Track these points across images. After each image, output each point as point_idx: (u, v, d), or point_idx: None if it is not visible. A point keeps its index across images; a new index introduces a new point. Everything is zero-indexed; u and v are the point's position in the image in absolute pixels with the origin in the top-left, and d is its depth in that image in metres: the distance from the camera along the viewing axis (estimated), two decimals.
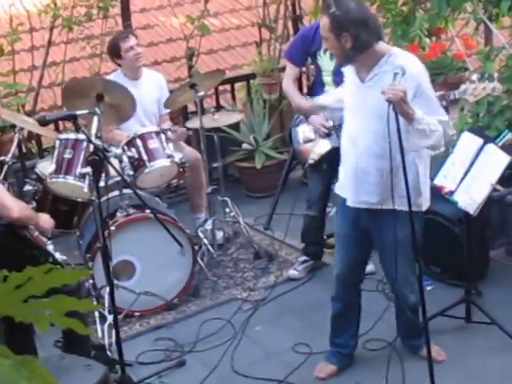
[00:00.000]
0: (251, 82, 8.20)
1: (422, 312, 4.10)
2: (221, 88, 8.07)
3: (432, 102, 4.20)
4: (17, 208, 4.31)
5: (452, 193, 4.66)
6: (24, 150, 7.20)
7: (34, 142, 7.49)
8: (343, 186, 4.52)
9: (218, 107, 7.90)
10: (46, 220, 4.69)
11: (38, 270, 1.60)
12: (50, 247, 4.62)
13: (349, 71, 4.34)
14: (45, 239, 4.62)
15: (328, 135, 5.59)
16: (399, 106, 3.87)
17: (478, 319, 5.06)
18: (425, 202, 4.42)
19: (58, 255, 4.63)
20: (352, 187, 4.41)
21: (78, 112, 4.76)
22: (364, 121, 4.24)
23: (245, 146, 7.78)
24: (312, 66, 6.82)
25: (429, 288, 5.51)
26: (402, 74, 3.92)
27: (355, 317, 4.82)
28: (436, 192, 4.77)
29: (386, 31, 7.14)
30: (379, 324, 5.07)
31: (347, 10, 4.01)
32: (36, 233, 4.53)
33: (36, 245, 4.47)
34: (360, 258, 4.70)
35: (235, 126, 7.59)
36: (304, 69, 7.30)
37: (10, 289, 1.61)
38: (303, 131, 5.74)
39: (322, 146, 5.62)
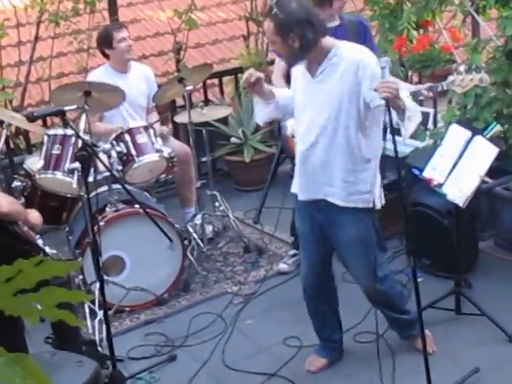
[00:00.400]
0: (239, 75, 8.19)
1: (416, 303, 4.09)
2: (209, 82, 8.07)
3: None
4: (6, 203, 4.28)
5: (441, 185, 4.66)
6: (12, 145, 7.16)
7: (21, 137, 7.46)
8: (296, 183, 4.54)
9: (206, 101, 7.89)
10: (35, 216, 4.67)
11: (28, 263, 1.59)
12: (40, 242, 4.61)
13: (297, 69, 4.33)
14: (33, 234, 4.60)
15: None
16: (394, 102, 3.88)
17: (467, 311, 5.07)
18: (378, 200, 4.41)
19: (47, 249, 4.62)
20: (302, 182, 4.44)
21: (67, 108, 4.73)
22: (314, 115, 4.24)
23: (233, 139, 7.78)
24: None
25: (419, 280, 5.50)
26: (388, 67, 3.94)
27: (330, 308, 4.80)
28: (425, 184, 4.78)
29: (374, 24, 7.15)
30: (369, 317, 5.05)
31: (290, 11, 3.99)
32: (25, 228, 4.51)
33: (26, 239, 4.45)
34: (321, 255, 4.66)
35: (223, 120, 7.58)
36: None
37: (0, 282, 1.60)
38: (292, 125, 5.73)
39: None
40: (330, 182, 4.28)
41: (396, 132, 3.89)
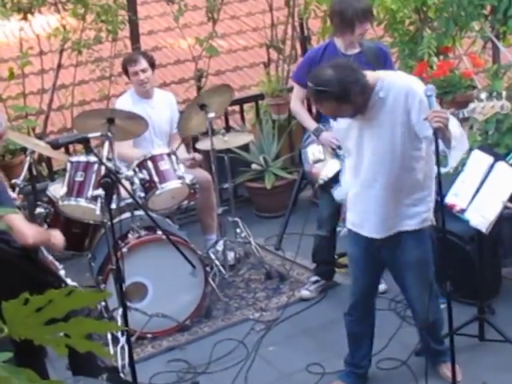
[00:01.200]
0: (260, 102, 8.23)
1: (449, 329, 4.09)
2: (230, 109, 8.10)
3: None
4: (31, 234, 4.30)
5: (463, 211, 4.66)
6: (34, 172, 7.21)
7: (44, 164, 7.51)
8: (350, 220, 4.56)
9: (228, 128, 7.92)
10: (57, 237, 4.68)
11: (58, 293, 1.61)
12: (62, 272, 4.62)
13: None
14: (57, 264, 4.62)
15: (339, 149, 5.61)
16: (443, 132, 3.89)
17: (491, 337, 5.05)
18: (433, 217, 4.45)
19: (69, 281, 4.62)
20: (360, 219, 4.47)
21: (90, 135, 4.77)
22: (369, 153, 4.25)
23: (254, 166, 7.79)
24: None
25: (442, 306, 5.49)
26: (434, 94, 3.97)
27: (366, 336, 4.80)
28: (447, 210, 4.77)
29: (394, 50, 7.17)
30: (392, 343, 5.04)
31: (337, 79, 3.97)
32: (50, 258, 4.53)
33: (48, 270, 4.46)
34: (372, 281, 4.71)
35: (245, 147, 7.60)
36: None
37: (31, 311, 1.62)
38: (313, 152, 5.76)
39: (332, 167, 5.62)
40: (391, 215, 4.31)
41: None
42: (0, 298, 1.64)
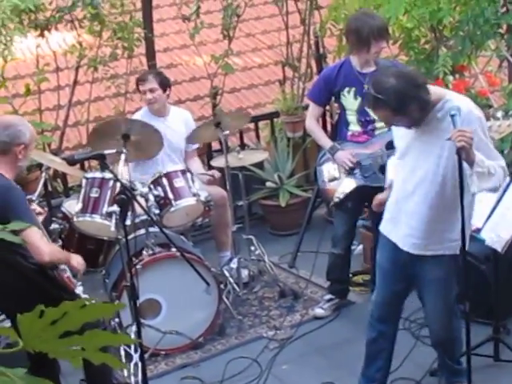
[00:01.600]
0: (275, 120, 8.23)
1: (466, 350, 4.07)
2: (244, 126, 8.10)
3: (487, 147, 4.13)
4: (48, 251, 4.31)
5: (479, 230, 4.64)
6: (50, 188, 7.23)
7: (59, 180, 7.53)
8: (386, 224, 4.54)
9: (242, 146, 7.92)
10: (78, 261, 4.68)
11: (73, 305, 1.61)
12: (80, 289, 4.61)
13: None
14: (75, 281, 4.62)
15: (352, 170, 5.61)
16: (467, 152, 3.85)
17: (506, 357, 5.02)
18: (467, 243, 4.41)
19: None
20: (393, 226, 4.44)
21: (106, 151, 4.78)
22: (413, 165, 4.23)
23: (269, 184, 7.79)
24: (336, 105, 6.86)
25: None
26: (459, 114, 3.92)
27: (386, 349, 4.73)
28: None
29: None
30: (406, 363, 5.01)
31: (397, 92, 3.94)
32: (67, 274, 4.52)
33: (64, 287, 4.45)
34: (397, 291, 4.65)
35: (259, 165, 7.60)
36: (327, 107, 7.30)
37: (46, 324, 1.61)
38: (328, 170, 5.76)
39: (347, 185, 5.63)
40: (420, 233, 4.28)
41: None
42: (15, 312, 1.64)
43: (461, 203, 3.94)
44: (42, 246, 4.29)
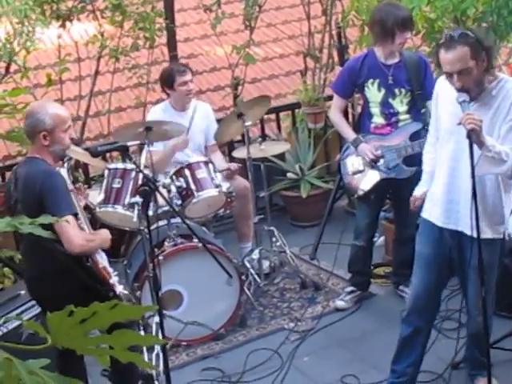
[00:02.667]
0: (296, 111, 8.21)
1: (486, 343, 4.05)
2: (265, 117, 8.08)
3: None
4: (79, 243, 4.28)
5: None
6: (71, 178, 7.23)
7: (80, 170, 7.54)
8: (429, 208, 4.49)
9: (264, 136, 7.91)
10: (105, 240, 4.66)
11: (102, 306, 1.61)
12: (115, 279, 4.60)
13: (446, 91, 4.26)
14: (110, 270, 4.62)
15: (375, 163, 5.59)
16: (477, 134, 3.86)
17: None
18: (506, 230, 4.38)
19: (120, 289, 4.59)
20: (441, 209, 4.39)
21: (130, 143, 4.78)
22: (461, 143, 4.11)
23: (290, 175, 7.77)
24: (357, 96, 6.83)
25: None
26: (470, 101, 3.95)
27: (420, 344, 4.67)
28: None
29: (431, 60, 7.12)
30: (428, 356, 4.97)
31: (473, 32, 4.03)
32: (102, 265, 4.52)
33: (98, 277, 4.45)
34: (440, 281, 4.61)
35: (280, 156, 7.58)
36: (349, 99, 7.28)
37: (75, 323, 1.62)
38: (352, 163, 5.74)
39: (371, 178, 5.61)
40: (468, 212, 4.15)
41: None
42: (50, 300, 1.64)
43: (473, 188, 3.91)
44: (74, 237, 4.28)
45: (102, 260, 4.55)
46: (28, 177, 4.36)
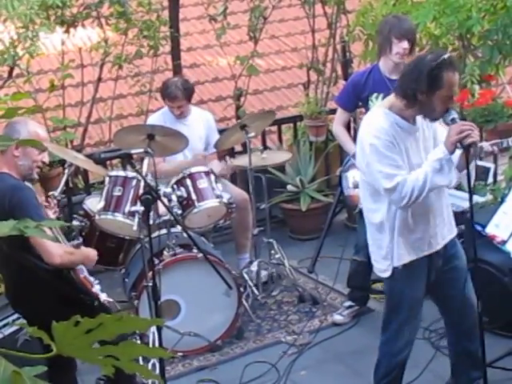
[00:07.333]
0: (298, 123, 8.20)
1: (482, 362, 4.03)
2: (267, 129, 8.07)
3: None
4: (59, 253, 4.18)
5: (504, 242, 4.60)
6: (71, 185, 7.22)
7: (80, 177, 7.52)
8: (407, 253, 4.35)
9: (265, 148, 7.89)
10: (90, 258, 4.58)
11: (109, 318, 1.60)
12: (97, 287, 4.58)
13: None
14: (92, 280, 4.58)
15: None
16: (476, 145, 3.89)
17: None
18: None
19: (104, 296, 4.56)
20: (421, 241, 4.31)
21: (133, 151, 4.76)
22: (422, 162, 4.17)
23: (290, 187, 7.76)
24: (359, 110, 6.83)
25: None
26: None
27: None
28: (485, 241, 4.71)
29: None
30: (425, 373, 4.95)
31: None
32: (83, 275, 4.48)
33: (82, 288, 4.41)
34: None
35: (281, 168, 7.58)
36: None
37: (81, 333, 1.61)
38: (353, 176, 5.73)
39: None
40: (442, 222, 4.26)
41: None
42: (32, 314, 1.63)
43: (470, 200, 3.93)
44: (52, 247, 4.17)
45: (83, 270, 4.51)
46: None
